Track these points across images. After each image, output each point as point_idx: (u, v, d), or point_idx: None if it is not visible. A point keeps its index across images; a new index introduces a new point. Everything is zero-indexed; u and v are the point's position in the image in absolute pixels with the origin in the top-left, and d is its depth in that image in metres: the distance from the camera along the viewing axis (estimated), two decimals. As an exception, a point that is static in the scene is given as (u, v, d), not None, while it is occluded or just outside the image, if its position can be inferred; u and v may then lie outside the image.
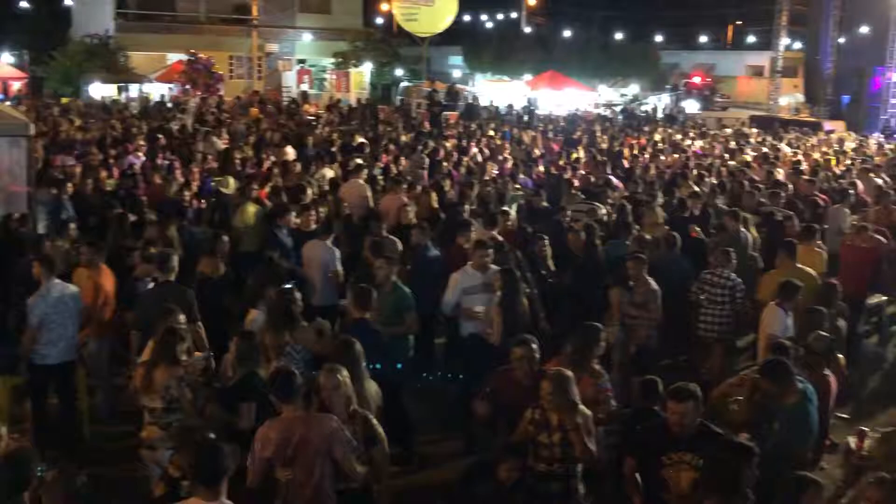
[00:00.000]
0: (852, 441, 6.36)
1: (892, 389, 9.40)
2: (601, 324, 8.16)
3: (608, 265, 9.76)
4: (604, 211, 12.13)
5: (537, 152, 19.44)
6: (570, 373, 5.83)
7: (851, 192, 13.52)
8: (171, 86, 35.86)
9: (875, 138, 26.02)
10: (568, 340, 6.75)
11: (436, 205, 12.25)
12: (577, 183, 14.99)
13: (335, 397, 5.53)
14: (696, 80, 48.06)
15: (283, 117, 25.90)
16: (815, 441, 6.42)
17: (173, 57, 37.57)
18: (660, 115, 37.17)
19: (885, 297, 11.13)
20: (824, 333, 7.12)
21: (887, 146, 22.60)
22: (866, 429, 6.40)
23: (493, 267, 8.45)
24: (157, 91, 35.26)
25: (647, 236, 10.15)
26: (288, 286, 7.51)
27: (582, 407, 5.75)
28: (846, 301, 9.19)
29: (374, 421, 5.61)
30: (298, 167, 14.50)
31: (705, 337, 9.29)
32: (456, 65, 50.86)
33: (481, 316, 8.14)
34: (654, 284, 8.75)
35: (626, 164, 17.55)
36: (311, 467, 5.19)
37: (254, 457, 5.27)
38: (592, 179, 15.03)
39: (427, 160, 16.26)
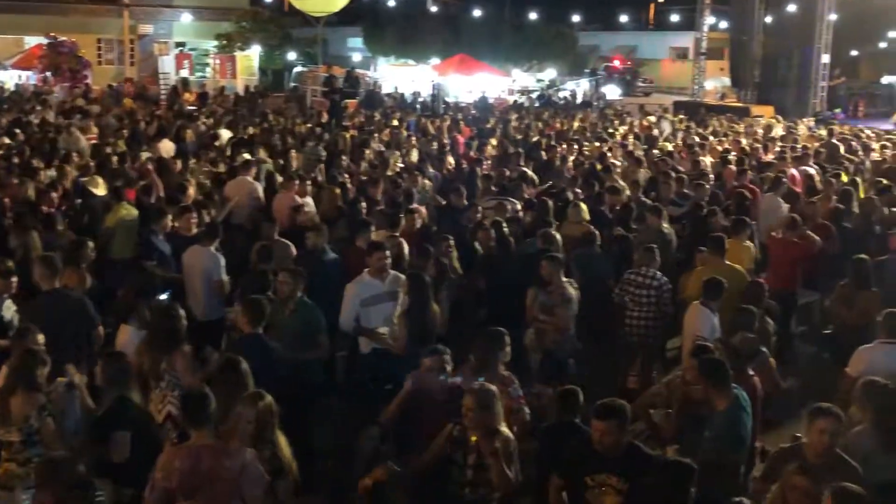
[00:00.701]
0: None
1: (827, 393, 9.72)
2: (522, 329, 8.28)
3: (524, 265, 9.87)
4: (518, 207, 12.26)
5: (447, 143, 19.53)
6: (494, 388, 5.84)
7: (784, 180, 13.98)
8: (29, 73, 34.71)
9: (805, 123, 27.00)
10: (472, 347, 6.83)
11: (341, 203, 12.19)
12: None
13: (244, 424, 5.47)
14: (617, 63, 49.25)
15: (160, 108, 25.35)
16: (747, 450, 6.59)
17: (32, 40, 36.38)
18: (580, 101, 37.87)
19: (816, 294, 11.53)
20: (751, 335, 7.33)
21: (818, 132, 23.43)
22: (800, 434, 6.62)
23: (394, 272, 8.45)
24: (12, 79, 34.07)
25: (557, 234, 10.30)
26: (163, 297, 7.32)
27: (504, 429, 5.75)
28: (776, 299, 9.50)
29: (284, 452, 5.56)
30: (178, 164, 14.21)
31: (630, 341, 9.49)
32: (355, 48, 50.80)
33: (386, 338, 8.10)
34: (569, 289, 8.89)
35: (543, 155, 17.75)
36: (218, 502, 5.14)
37: (152, 486, 5.19)
38: (507, 173, 15.17)
39: (324, 153, 16.14)
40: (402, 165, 15.70)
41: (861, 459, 5.69)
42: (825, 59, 32.30)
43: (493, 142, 20.44)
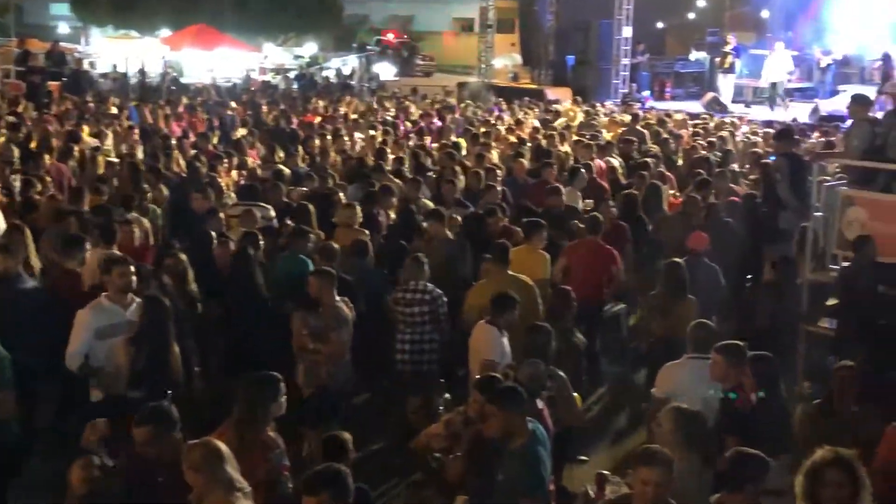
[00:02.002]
0: (591, 489, 6.84)
1: (637, 421, 10.21)
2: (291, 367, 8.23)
3: (283, 284, 9.95)
4: (271, 213, 12.23)
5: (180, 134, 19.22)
6: (221, 447, 5.71)
7: (583, 171, 14.58)
8: None
9: (608, 107, 28.21)
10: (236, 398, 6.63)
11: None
12: (235, 177, 14.96)
13: None
14: (391, 37, 49.97)
15: None
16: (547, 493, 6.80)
17: None
18: (351, 82, 38.15)
19: (622, 305, 12.14)
20: (540, 365, 7.56)
21: (620, 117, 24.38)
22: (607, 472, 6.92)
23: (138, 299, 8.29)
24: None
25: (336, 245, 10.41)
26: None
27: (239, 501, 5.59)
28: (579, 312, 9.79)
29: None
30: None
31: (405, 370, 9.70)
32: (61, 16, 48.92)
33: (109, 378, 7.93)
34: (344, 309, 9.00)
35: (300, 149, 17.78)
36: None
37: None
38: (259, 172, 15.09)
39: (16, 151, 15.42)
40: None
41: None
42: (627, 32, 33.76)
43: (241, 131, 20.28)
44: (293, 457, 6.70)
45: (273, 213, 12.32)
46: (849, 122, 13.16)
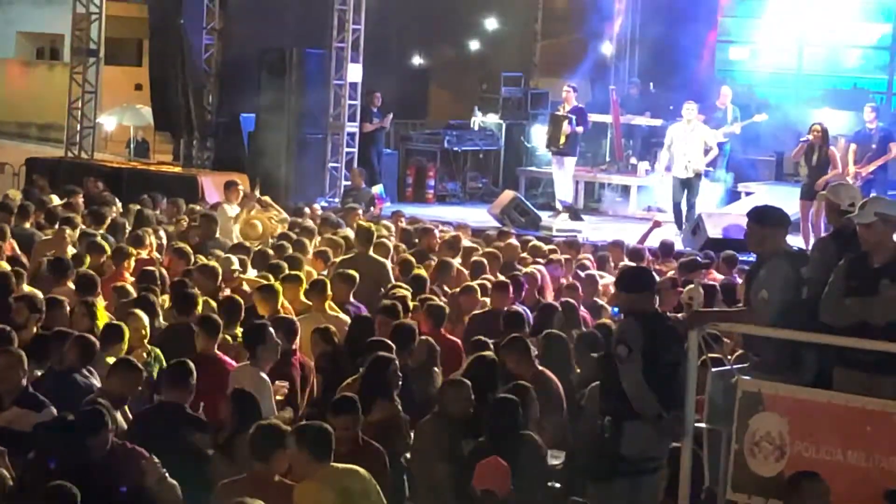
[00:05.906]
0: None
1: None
2: None
3: None
4: None
5: None
6: None
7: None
8: None
9: (319, 213, 28.14)
10: None
11: None
12: None
13: None
14: None
15: None
16: None
17: None
18: None
19: None
20: None
21: (340, 232, 24.21)
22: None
23: None
24: None
25: None
26: None
27: None
28: None
29: None
30: None
31: None
32: None
33: None
34: None
35: None
36: None
37: None
38: None
39: None
40: None
41: None
42: (355, 73, 33.58)
43: None
44: None
45: None
46: (753, 258, 13.42)
